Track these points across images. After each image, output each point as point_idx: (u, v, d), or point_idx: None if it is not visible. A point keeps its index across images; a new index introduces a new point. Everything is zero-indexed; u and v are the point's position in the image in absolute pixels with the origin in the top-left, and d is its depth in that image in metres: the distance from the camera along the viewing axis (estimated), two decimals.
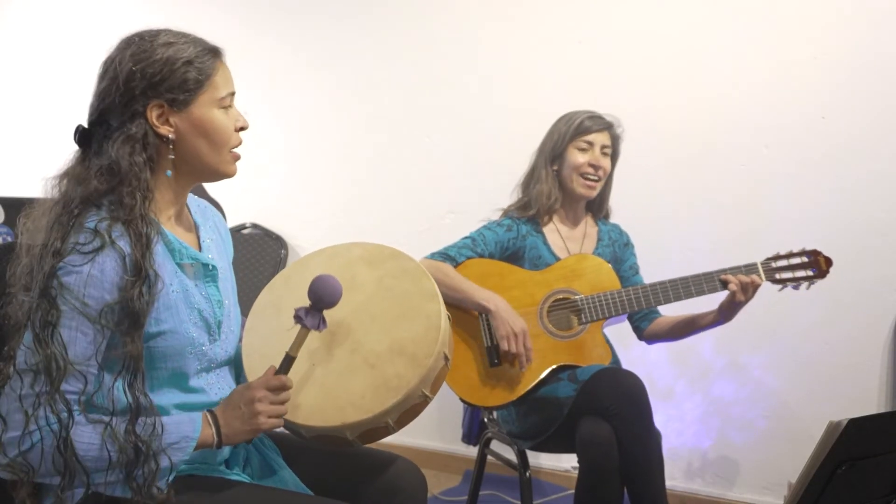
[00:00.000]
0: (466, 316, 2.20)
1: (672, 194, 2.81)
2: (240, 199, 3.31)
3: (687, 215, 2.83)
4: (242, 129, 1.38)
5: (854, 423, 1.14)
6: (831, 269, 2.13)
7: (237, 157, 1.38)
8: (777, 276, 2.14)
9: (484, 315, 2.17)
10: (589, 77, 2.99)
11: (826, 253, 2.14)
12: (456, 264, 2.21)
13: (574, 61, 3.03)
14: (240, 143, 1.37)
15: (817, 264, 2.13)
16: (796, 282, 2.14)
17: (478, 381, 2.16)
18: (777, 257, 2.16)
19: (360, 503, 1.43)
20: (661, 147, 2.34)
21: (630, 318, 2.35)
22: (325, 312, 1.35)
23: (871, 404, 2.61)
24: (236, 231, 3.56)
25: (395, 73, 3.38)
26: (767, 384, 2.76)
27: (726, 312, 2.14)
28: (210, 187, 2.78)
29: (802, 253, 2.15)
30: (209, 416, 1.29)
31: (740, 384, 2.79)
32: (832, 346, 2.64)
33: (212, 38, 1.37)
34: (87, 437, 1.19)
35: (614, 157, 2.30)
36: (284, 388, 1.31)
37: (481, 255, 2.23)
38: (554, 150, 2.27)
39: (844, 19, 2.63)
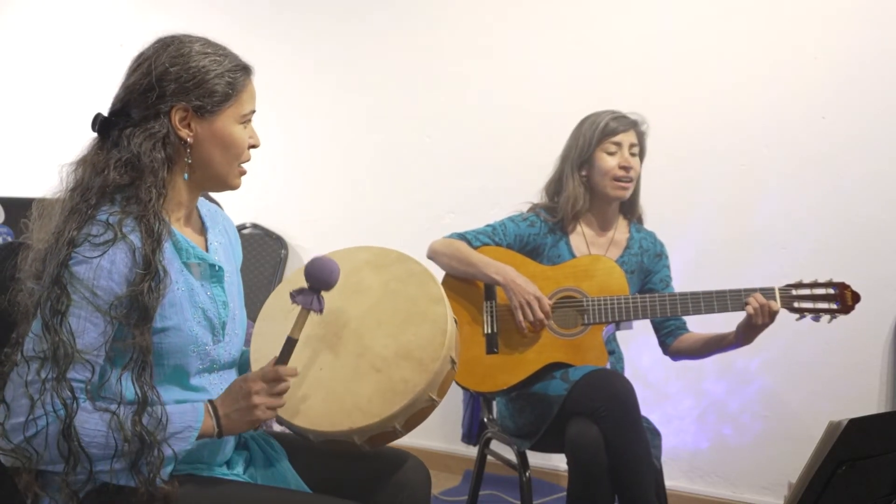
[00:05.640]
0: (470, 300, 2.20)
1: (672, 194, 2.81)
2: (240, 199, 3.28)
3: (687, 215, 2.82)
4: (254, 146, 1.40)
5: (854, 423, 1.14)
6: (857, 306, 1.98)
7: (243, 172, 1.41)
8: (795, 304, 2.01)
9: (488, 302, 2.18)
10: (588, 77, 3.00)
11: (852, 287, 1.99)
12: (471, 246, 2.21)
13: (573, 61, 3.03)
14: (249, 160, 1.40)
15: (842, 298, 1.98)
16: (816, 313, 1.99)
17: (474, 367, 2.16)
18: (798, 285, 2.01)
19: (367, 500, 1.43)
20: (662, 147, 2.34)
21: (656, 332, 2.30)
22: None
23: (871, 404, 2.61)
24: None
25: (395, 73, 3.38)
26: (767, 384, 2.76)
27: (744, 334, 2.05)
28: None
29: (829, 284, 2.00)
30: (209, 407, 1.30)
31: (740, 384, 2.79)
32: (832, 346, 2.64)
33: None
34: (92, 424, 1.20)
35: (641, 154, 2.25)
36: (281, 379, 1.31)
37: (498, 245, 2.23)
38: (581, 156, 2.21)
39: (845, 19, 2.63)
